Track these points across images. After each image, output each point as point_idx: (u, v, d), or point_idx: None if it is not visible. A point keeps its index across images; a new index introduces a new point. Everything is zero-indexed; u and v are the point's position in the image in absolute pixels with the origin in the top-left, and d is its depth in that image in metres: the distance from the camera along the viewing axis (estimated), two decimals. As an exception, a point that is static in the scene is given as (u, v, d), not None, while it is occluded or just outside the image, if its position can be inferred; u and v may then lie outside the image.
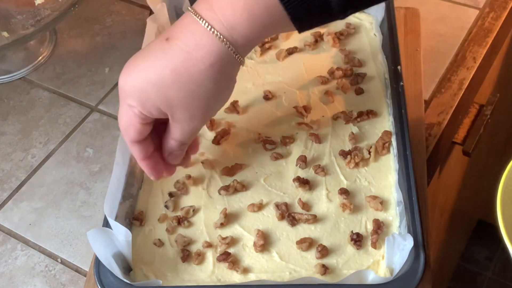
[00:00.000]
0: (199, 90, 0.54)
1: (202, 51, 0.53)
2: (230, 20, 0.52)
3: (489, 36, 0.87)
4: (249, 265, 0.61)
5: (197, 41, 0.53)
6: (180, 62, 0.53)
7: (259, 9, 0.52)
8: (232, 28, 0.53)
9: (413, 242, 0.56)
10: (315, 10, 0.52)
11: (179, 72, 0.53)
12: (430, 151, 0.74)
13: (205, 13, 0.53)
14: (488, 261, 1.68)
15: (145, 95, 0.55)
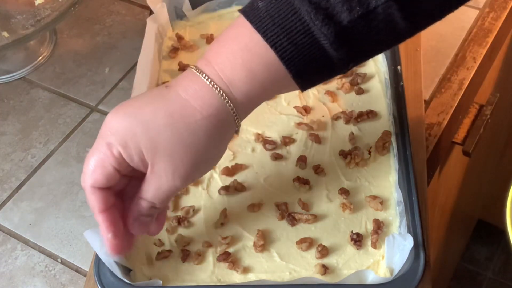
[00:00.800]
0: (190, 140, 0.51)
1: (200, 101, 0.51)
2: (229, 76, 0.51)
3: (489, 36, 0.87)
4: (249, 265, 0.61)
5: (196, 91, 0.51)
6: (177, 107, 0.51)
7: (257, 66, 0.51)
8: (231, 84, 0.51)
9: (413, 242, 0.56)
10: (317, 66, 0.51)
11: (174, 117, 0.51)
12: (430, 151, 0.74)
13: (204, 68, 0.52)
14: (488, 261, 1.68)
15: (132, 134, 0.51)
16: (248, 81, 0.51)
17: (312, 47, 0.50)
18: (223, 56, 0.52)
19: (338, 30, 0.49)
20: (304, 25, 0.49)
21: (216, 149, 0.54)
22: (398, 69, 0.71)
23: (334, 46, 0.49)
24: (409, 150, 0.64)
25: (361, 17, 0.48)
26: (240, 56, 0.51)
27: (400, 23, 0.50)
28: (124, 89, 0.88)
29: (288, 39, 0.49)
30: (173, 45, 0.81)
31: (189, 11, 0.84)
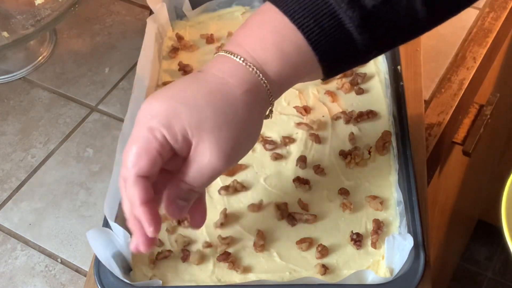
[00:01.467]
0: (232, 116, 0.51)
1: (236, 77, 0.51)
2: (261, 56, 0.52)
3: (489, 36, 0.87)
4: (249, 265, 0.61)
5: (231, 70, 0.52)
6: (215, 85, 0.51)
7: (288, 47, 0.52)
8: (264, 63, 0.52)
9: (413, 242, 0.56)
10: (342, 51, 0.52)
11: (214, 95, 0.51)
12: (430, 151, 0.74)
13: (236, 50, 0.53)
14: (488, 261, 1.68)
15: (174, 113, 0.50)
16: (280, 61, 0.52)
17: (337, 30, 0.51)
18: (253, 38, 0.53)
19: (362, 14, 0.50)
20: (330, 8, 0.50)
21: (255, 125, 0.54)
22: (398, 69, 0.71)
23: (358, 29, 0.50)
24: (409, 150, 0.64)
25: (384, 2, 0.50)
26: (271, 37, 0.52)
27: (420, 11, 0.51)
28: (124, 89, 0.88)
29: (315, 21, 0.51)
30: (173, 45, 0.81)
31: (189, 11, 0.84)
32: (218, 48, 0.80)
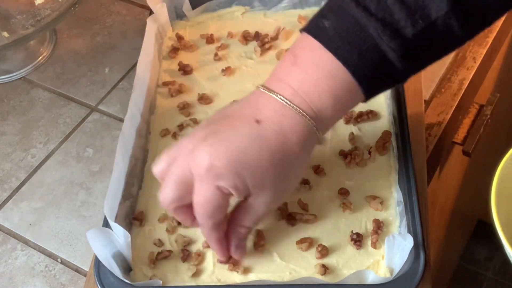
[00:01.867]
0: (292, 173, 0.56)
1: (296, 135, 0.54)
2: (318, 105, 0.54)
3: (489, 36, 0.87)
4: (249, 265, 0.61)
5: (290, 125, 0.54)
6: (277, 145, 0.54)
7: (341, 92, 0.54)
8: (319, 112, 0.54)
9: (413, 242, 0.56)
10: (384, 80, 0.55)
11: (276, 156, 0.54)
12: (430, 151, 0.74)
13: (291, 98, 0.54)
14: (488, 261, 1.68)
15: (241, 179, 0.53)
16: (334, 107, 0.54)
17: (380, 62, 0.52)
18: (309, 85, 0.54)
19: (404, 44, 0.51)
20: (372, 41, 0.51)
21: (306, 165, 0.59)
22: (398, 69, 0.71)
23: (400, 59, 0.52)
24: (409, 150, 0.64)
25: (424, 29, 0.51)
26: (326, 84, 0.53)
27: (457, 32, 0.52)
28: (124, 89, 0.88)
29: (359, 56, 0.52)
30: (173, 45, 0.81)
31: (189, 11, 0.84)
32: (218, 48, 0.80)
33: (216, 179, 0.53)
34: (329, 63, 0.53)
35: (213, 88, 0.76)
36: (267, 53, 0.80)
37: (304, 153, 0.55)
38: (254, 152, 0.53)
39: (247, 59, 0.79)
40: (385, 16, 0.51)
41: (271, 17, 0.84)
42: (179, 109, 0.74)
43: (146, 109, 0.72)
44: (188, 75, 0.79)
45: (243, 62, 0.79)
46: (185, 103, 0.75)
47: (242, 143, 0.53)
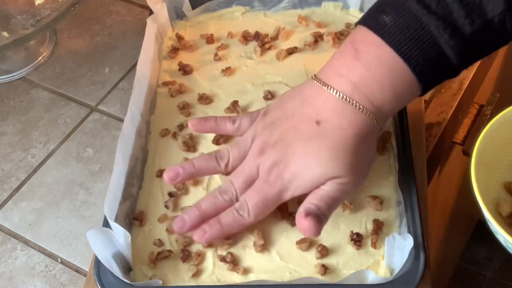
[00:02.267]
0: (351, 158, 0.57)
1: (356, 128, 0.57)
2: (379, 100, 0.56)
3: (489, 36, 0.87)
4: (249, 265, 0.61)
5: (350, 121, 0.57)
6: (336, 140, 0.57)
7: (402, 88, 0.56)
8: (380, 106, 0.57)
9: (413, 242, 0.56)
10: (441, 76, 0.57)
11: (335, 150, 0.57)
12: (430, 151, 0.74)
13: (350, 93, 0.56)
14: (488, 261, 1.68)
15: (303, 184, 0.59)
16: (394, 101, 0.57)
17: (439, 59, 0.54)
18: (371, 80, 0.56)
19: (462, 42, 0.53)
20: (432, 38, 0.53)
21: (373, 150, 0.61)
22: (398, 69, 0.71)
23: (458, 56, 0.54)
24: (409, 150, 0.64)
25: (481, 28, 0.53)
26: (387, 79, 0.55)
27: (510, 30, 0.53)
28: (124, 89, 0.88)
29: (420, 52, 0.54)
30: (173, 45, 0.81)
31: (189, 11, 0.84)
32: (218, 48, 0.80)
33: (288, 191, 0.59)
34: (391, 58, 0.55)
35: (213, 88, 0.76)
36: (267, 53, 0.80)
37: (365, 144, 0.58)
38: (314, 151, 0.57)
39: (247, 59, 0.79)
40: (445, 14, 0.52)
41: (271, 17, 0.84)
42: (179, 109, 0.74)
43: (146, 109, 0.72)
44: (188, 75, 0.79)
45: (243, 62, 0.79)
46: (185, 103, 0.75)
47: (305, 147, 0.58)
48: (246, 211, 0.60)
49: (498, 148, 0.59)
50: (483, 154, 0.58)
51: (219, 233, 0.60)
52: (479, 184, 0.55)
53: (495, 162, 0.60)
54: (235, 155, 0.62)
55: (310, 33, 0.80)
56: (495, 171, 0.60)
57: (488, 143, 0.58)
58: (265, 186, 0.59)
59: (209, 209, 0.61)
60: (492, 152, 0.59)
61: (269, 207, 0.60)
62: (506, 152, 0.60)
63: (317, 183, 0.58)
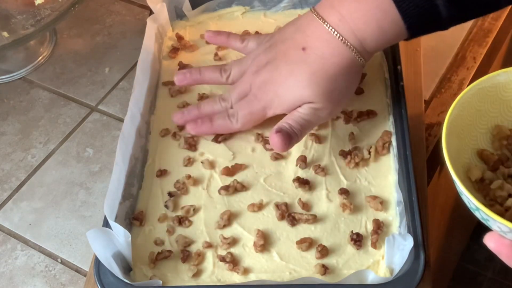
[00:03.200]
0: (332, 86, 0.63)
1: (337, 58, 0.61)
2: (363, 33, 0.60)
3: (489, 36, 0.87)
4: (249, 265, 0.61)
5: (332, 50, 0.61)
6: (317, 67, 0.62)
7: (388, 24, 0.59)
8: (363, 40, 0.61)
9: (413, 242, 0.56)
10: (427, 22, 0.59)
11: (316, 75, 0.62)
12: (430, 151, 0.74)
13: (337, 24, 0.61)
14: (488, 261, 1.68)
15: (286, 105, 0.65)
16: (378, 38, 0.61)
17: (426, 4, 0.57)
18: (359, 13, 0.60)
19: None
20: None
21: (353, 84, 0.65)
22: (398, 69, 0.71)
23: (446, 4, 0.56)
24: (409, 150, 0.64)
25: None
26: (375, 14, 0.59)
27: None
28: (124, 89, 0.88)
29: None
30: (173, 45, 0.81)
31: (189, 11, 0.84)
32: (218, 48, 0.80)
33: (274, 109, 0.65)
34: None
35: (213, 88, 0.76)
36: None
37: (344, 76, 0.63)
38: (296, 75, 0.63)
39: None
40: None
41: (271, 17, 0.84)
42: (179, 109, 0.74)
43: (146, 109, 0.72)
44: (188, 75, 0.79)
45: (243, 62, 0.79)
46: (185, 103, 0.75)
47: (289, 70, 0.63)
48: (235, 118, 0.67)
49: (473, 115, 0.59)
50: (457, 120, 0.58)
51: (209, 130, 0.69)
52: (450, 149, 0.55)
53: (469, 129, 0.60)
54: (236, 71, 0.70)
55: (310, 33, 0.80)
56: (469, 138, 0.60)
57: (463, 110, 0.58)
58: (254, 101, 0.66)
59: (207, 110, 0.70)
60: (466, 119, 0.59)
61: (255, 119, 0.68)
62: (481, 120, 0.60)
63: (294, 105, 0.64)
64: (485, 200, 0.57)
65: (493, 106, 0.60)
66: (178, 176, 0.68)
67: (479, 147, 0.60)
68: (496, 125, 0.60)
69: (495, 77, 0.58)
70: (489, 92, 0.59)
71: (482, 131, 0.61)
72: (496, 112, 0.60)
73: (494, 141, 0.60)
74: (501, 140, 0.60)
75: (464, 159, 0.59)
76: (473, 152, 0.60)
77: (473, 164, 0.59)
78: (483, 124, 0.61)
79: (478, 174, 0.58)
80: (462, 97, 0.57)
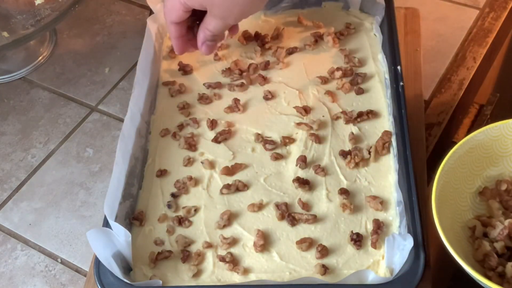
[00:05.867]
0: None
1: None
2: None
3: (489, 36, 0.87)
4: (249, 265, 0.61)
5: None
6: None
7: None
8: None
9: (413, 242, 0.56)
10: None
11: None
12: (430, 151, 0.74)
13: None
14: (488, 261, 1.68)
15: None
16: None
17: None
18: None
19: None
20: None
21: (259, 1, 0.68)
22: (398, 69, 0.71)
23: None
24: (409, 150, 0.64)
25: None
26: None
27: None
28: (124, 89, 0.88)
29: None
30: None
31: (189, 11, 0.84)
32: (218, 48, 0.80)
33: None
34: None
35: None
36: (267, 53, 0.80)
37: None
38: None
39: (247, 59, 0.79)
40: None
41: (271, 17, 0.84)
42: (179, 109, 0.74)
43: (146, 109, 0.72)
44: (188, 75, 0.79)
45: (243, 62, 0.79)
46: (185, 103, 0.75)
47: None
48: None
49: (459, 179, 0.62)
50: (444, 189, 0.60)
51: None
52: (442, 223, 0.56)
53: (457, 193, 0.62)
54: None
55: (310, 33, 0.80)
56: (459, 199, 0.62)
57: (448, 176, 0.60)
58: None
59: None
60: (452, 184, 0.61)
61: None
62: (467, 181, 0.63)
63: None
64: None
65: (477, 165, 0.62)
66: (178, 176, 0.68)
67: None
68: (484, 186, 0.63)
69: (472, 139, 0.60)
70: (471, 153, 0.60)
71: (471, 191, 0.63)
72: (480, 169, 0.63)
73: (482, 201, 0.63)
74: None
75: (457, 225, 0.61)
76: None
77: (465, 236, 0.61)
78: (469, 185, 0.63)
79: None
80: (445, 165, 0.59)
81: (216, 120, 0.73)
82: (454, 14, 0.91)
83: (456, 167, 0.61)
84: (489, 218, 0.61)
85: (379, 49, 0.77)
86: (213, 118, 0.73)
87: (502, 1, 0.90)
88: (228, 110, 0.74)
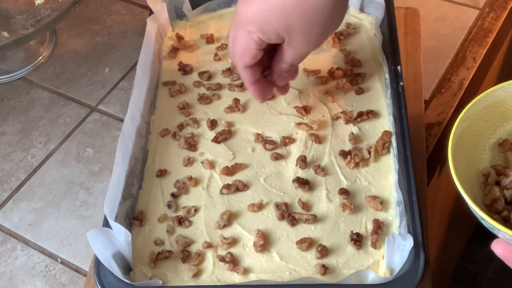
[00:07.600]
0: (317, 17, 0.60)
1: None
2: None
3: (489, 36, 0.87)
4: (249, 265, 0.61)
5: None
6: None
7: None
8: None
9: (413, 242, 0.56)
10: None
11: (300, 1, 0.59)
12: (430, 151, 0.74)
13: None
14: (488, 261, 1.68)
15: (267, 21, 0.60)
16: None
17: None
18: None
19: None
20: None
21: (338, 16, 0.63)
22: (398, 69, 0.71)
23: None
24: (409, 150, 0.64)
25: None
26: None
27: None
28: (124, 89, 0.88)
29: None
30: (173, 45, 0.81)
31: (189, 11, 0.84)
32: (218, 48, 0.80)
33: (246, 25, 0.62)
34: None
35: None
36: (267, 53, 0.80)
37: (330, 4, 0.59)
38: (279, 1, 0.60)
39: (247, 59, 0.79)
40: None
41: (271, 17, 0.84)
42: (179, 109, 0.74)
43: (146, 109, 0.72)
44: (188, 75, 0.79)
45: (243, 62, 0.79)
46: (185, 103, 0.75)
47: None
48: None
49: (480, 127, 0.61)
50: (463, 135, 0.59)
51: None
52: (456, 168, 0.56)
53: (475, 142, 0.61)
54: None
55: (310, 33, 0.80)
56: (477, 149, 0.62)
57: (469, 123, 0.60)
58: None
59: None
60: (472, 132, 0.60)
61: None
62: (487, 131, 0.62)
63: None
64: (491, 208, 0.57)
65: (499, 119, 0.61)
66: (178, 176, 0.68)
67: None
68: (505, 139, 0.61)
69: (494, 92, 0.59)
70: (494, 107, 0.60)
71: (490, 141, 0.62)
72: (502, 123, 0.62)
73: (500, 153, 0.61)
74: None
75: (470, 168, 0.60)
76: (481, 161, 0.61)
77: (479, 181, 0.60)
78: (490, 135, 0.62)
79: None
80: (461, 118, 0.58)
81: (216, 120, 0.73)
82: (454, 14, 0.91)
83: (480, 115, 0.60)
84: (504, 168, 0.61)
85: (379, 49, 0.77)
86: (213, 118, 0.73)
87: (502, 1, 0.90)
88: (228, 110, 0.74)
